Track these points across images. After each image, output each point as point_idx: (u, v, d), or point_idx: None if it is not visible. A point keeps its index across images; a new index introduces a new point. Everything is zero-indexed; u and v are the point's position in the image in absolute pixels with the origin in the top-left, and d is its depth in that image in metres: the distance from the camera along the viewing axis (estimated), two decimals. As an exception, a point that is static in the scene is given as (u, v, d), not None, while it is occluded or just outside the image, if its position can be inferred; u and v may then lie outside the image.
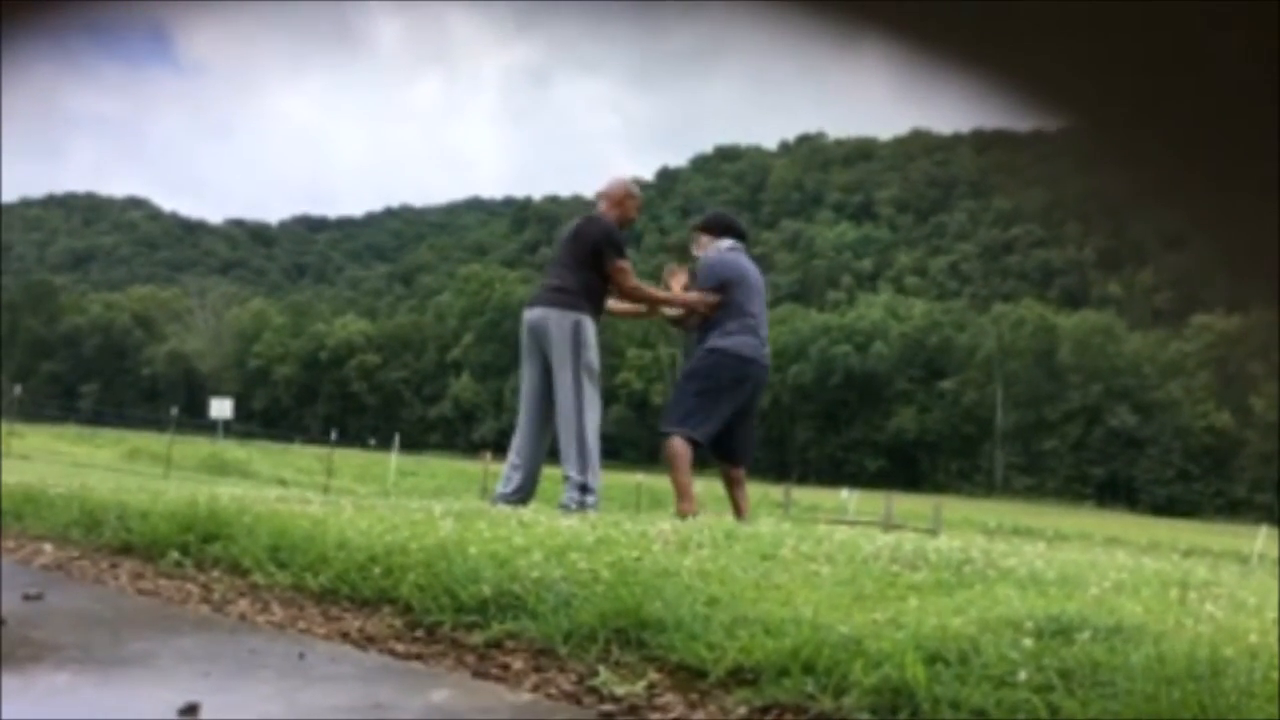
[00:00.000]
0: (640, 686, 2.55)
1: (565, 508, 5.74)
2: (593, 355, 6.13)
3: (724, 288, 6.32)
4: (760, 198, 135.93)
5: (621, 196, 6.50)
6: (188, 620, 3.39)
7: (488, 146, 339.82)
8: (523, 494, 6.15)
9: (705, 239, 6.58)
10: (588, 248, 6.25)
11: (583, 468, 5.97)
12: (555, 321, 6.14)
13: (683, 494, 6.08)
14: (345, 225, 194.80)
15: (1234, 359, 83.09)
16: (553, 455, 6.28)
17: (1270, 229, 0.69)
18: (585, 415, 6.03)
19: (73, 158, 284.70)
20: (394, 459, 34.27)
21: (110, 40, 0.82)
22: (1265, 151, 0.66)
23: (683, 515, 5.79)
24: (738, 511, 6.32)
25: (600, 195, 6.59)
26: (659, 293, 6.60)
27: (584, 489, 5.95)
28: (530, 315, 6.28)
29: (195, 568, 4.10)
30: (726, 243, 6.55)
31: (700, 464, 6.31)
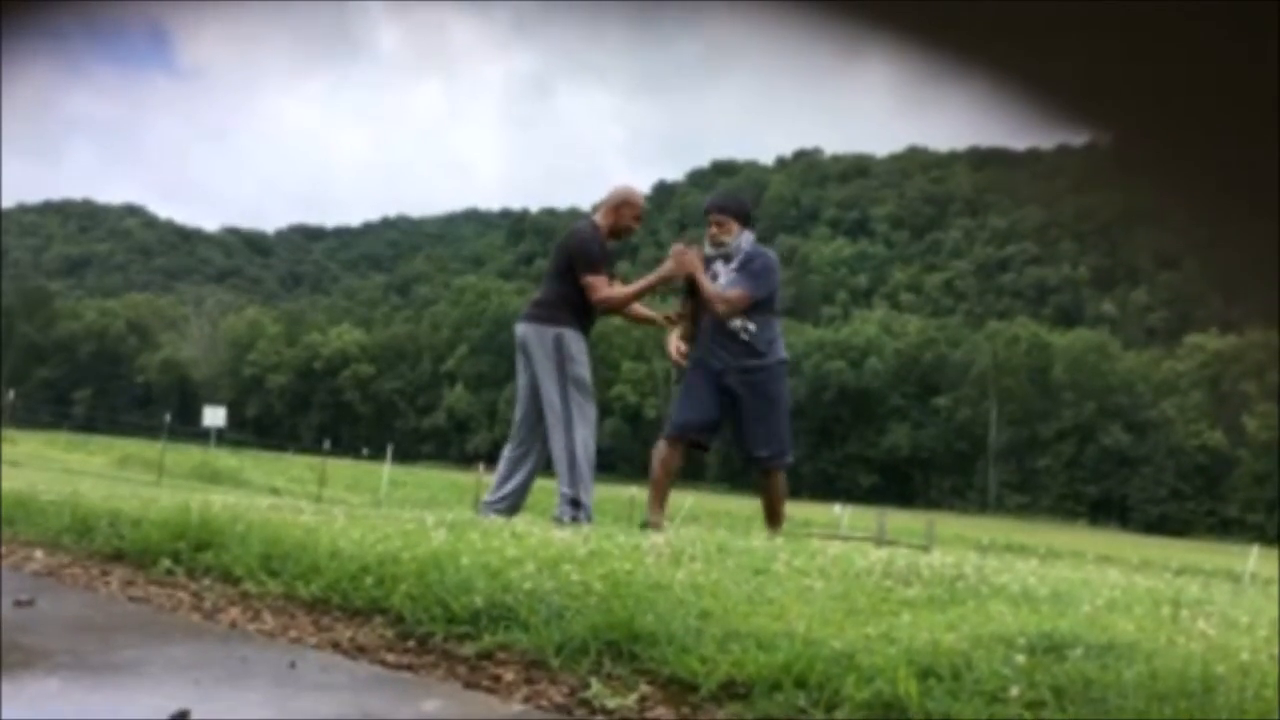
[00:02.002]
0: (632, 699, 2.54)
1: (558, 520, 5.74)
2: (579, 368, 6.04)
3: (773, 293, 6.14)
4: (756, 213, 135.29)
5: (616, 204, 6.31)
6: (178, 628, 3.38)
7: (485, 157, 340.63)
8: (509, 504, 6.12)
9: (736, 226, 6.21)
10: (564, 260, 6.21)
11: (573, 482, 5.93)
12: (537, 337, 6.09)
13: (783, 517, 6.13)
14: (342, 234, 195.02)
15: (1227, 378, 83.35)
16: (546, 468, 6.26)
17: (1266, 248, 0.70)
18: (575, 430, 5.96)
19: (70, 163, 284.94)
20: (387, 469, 34.20)
21: (108, 43, 0.82)
22: (1262, 170, 0.67)
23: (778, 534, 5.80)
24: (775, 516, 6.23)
25: (599, 204, 6.53)
26: (638, 285, 6.28)
27: (575, 503, 5.92)
28: (517, 330, 6.26)
29: (187, 575, 4.09)
30: (751, 235, 6.29)
31: (690, 473, 6.25)
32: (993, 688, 2.27)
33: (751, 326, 5.99)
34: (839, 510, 35.33)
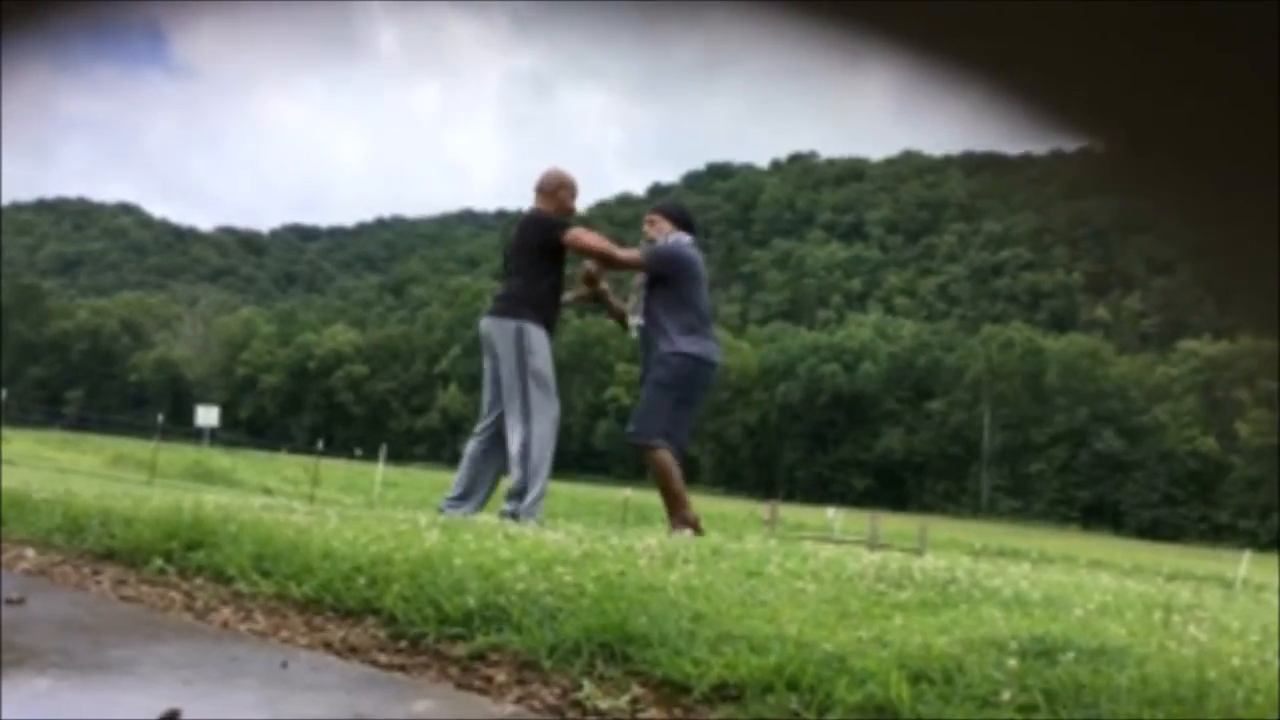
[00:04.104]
0: (624, 701, 2.54)
1: (501, 515, 5.68)
2: (539, 361, 6.00)
3: (679, 277, 6.14)
4: (751, 216, 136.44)
5: (555, 188, 6.33)
6: (170, 627, 3.37)
7: (481, 158, 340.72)
8: (463, 499, 6.09)
9: (666, 225, 6.32)
10: (534, 247, 6.20)
11: (523, 474, 5.88)
12: (499, 330, 6.09)
13: (683, 501, 5.96)
14: (337, 235, 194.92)
15: (1220, 384, 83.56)
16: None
17: (1260, 254, 0.70)
18: (532, 423, 5.93)
19: (64, 161, 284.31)
20: (380, 470, 34.15)
21: (104, 42, 0.82)
22: (1258, 176, 0.67)
23: (688, 523, 5.79)
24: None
25: (535, 189, 6.43)
26: (615, 250, 6.32)
27: (520, 494, 5.85)
28: (481, 326, 6.27)
29: (178, 575, 4.08)
30: (686, 237, 6.33)
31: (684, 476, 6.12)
32: (985, 691, 2.27)
33: (636, 320, 6.15)
34: (832, 514, 35.32)
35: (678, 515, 5.91)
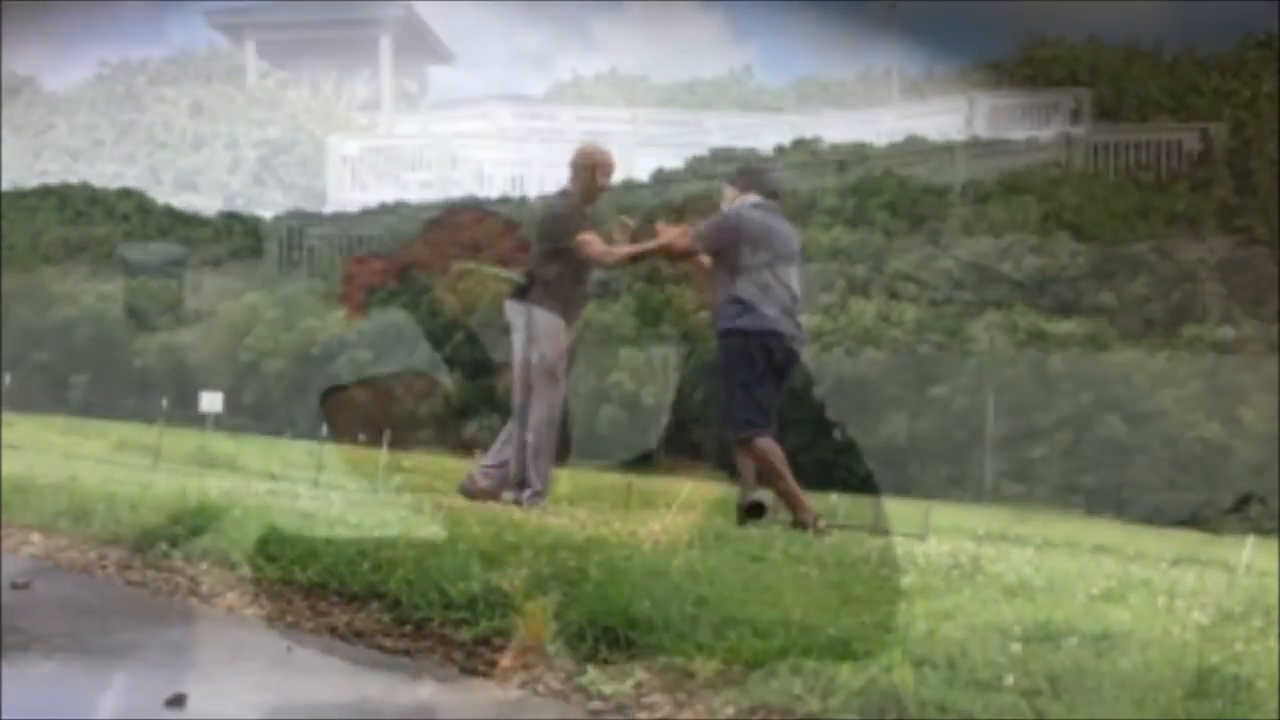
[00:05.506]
0: (628, 685, 2.55)
1: (507, 502, 5.68)
2: (546, 347, 5.92)
3: (727, 249, 5.56)
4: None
5: (582, 166, 6.04)
6: (175, 611, 3.39)
7: (484, 142, 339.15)
8: (497, 468, 6.07)
9: (730, 193, 5.77)
10: (540, 237, 6.15)
11: (522, 463, 5.83)
12: (511, 314, 6.07)
13: (799, 499, 5.45)
14: (340, 219, 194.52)
15: (1225, 370, 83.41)
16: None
17: (1266, 241, 0.70)
18: (534, 410, 5.86)
19: (67, 146, 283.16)
20: (384, 455, 34.13)
21: (107, 23, 0.81)
22: (1261, 163, 0.67)
23: (809, 525, 5.12)
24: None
25: (569, 165, 6.16)
26: (637, 247, 6.06)
27: (521, 485, 5.79)
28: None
29: (184, 560, 4.09)
30: (750, 199, 5.70)
31: (689, 460, 5.99)
32: (988, 676, 2.28)
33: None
34: (835, 499, 35.27)
35: (799, 517, 5.33)
